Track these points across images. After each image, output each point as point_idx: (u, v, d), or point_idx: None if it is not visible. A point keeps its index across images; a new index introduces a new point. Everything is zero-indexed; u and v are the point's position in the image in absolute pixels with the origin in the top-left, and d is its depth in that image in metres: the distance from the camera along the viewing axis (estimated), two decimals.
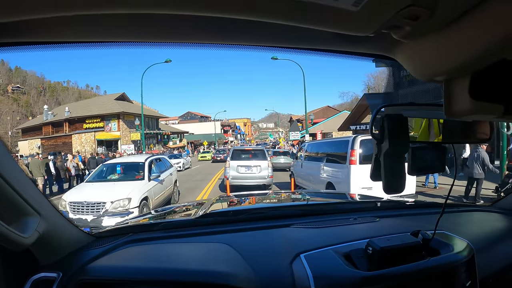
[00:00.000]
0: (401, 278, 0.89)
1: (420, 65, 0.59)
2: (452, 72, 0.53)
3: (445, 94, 0.56)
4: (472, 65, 0.48)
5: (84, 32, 0.63)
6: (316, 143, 9.45)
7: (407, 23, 0.47)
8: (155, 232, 1.26)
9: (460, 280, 0.95)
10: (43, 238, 0.88)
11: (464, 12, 0.44)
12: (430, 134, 0.78)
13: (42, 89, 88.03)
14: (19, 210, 0.81)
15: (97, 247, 1.12)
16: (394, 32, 0.51)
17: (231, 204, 2.09)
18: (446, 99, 0.56)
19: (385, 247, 0.91)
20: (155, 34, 0.66)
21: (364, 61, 0.85)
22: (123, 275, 0.98)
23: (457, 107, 0.54)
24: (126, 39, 0.67)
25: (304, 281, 0.90)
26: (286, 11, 0.47)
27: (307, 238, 1.15)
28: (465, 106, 0.52)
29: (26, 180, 0.83)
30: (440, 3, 0.43)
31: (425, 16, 0.45)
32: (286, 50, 0.77)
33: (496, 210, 1.49)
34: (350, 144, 6.37)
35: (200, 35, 0.68)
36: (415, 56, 0.59)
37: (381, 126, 0.68)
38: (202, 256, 1.07)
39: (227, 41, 0.71)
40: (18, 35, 0.61)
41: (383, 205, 1.64)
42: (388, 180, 0.69)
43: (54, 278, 0.94)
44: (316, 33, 0.57)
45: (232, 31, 0.65)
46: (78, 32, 0.63)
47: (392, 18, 0.46)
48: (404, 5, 0.43)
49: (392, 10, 0.45)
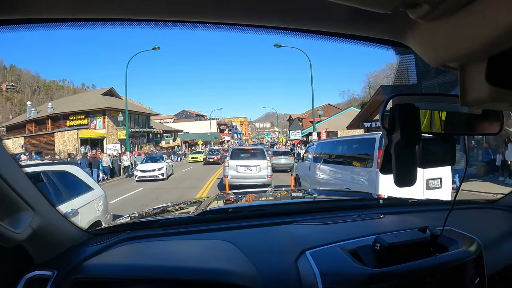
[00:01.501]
0: (410, 274, 0.86)
1: (434, 49, 0.55)
2: (468, 57, 0.50)
3: (460, 81, 0.53)
4: (490, 48, 0.45)
5: (79, 7, 0.60)
6: (328, 142, 8.10)
7: (426, 1, 0.45)
8: (153, 230, 1.22)
9: (469, 277, 0.93)
10: (37, 234, 0.84)
11: None
12: (439, 125, 0.73)
13: (36, 88, 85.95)
14: (12, 204, 0.78)
15: (94, 244, 1.08)
16: (411, 11, 0.48)
17: (230, 201, 2.03)
18: (461, 86, 0.53)
19: (393, 243, 0.89)
20: (151, 9, 0.61)
21: (371, 47, 0.79)
22: (119, 273, 0.94)
23: (473, 94, 0.52)
24: (120, 15, 0.63)
25: (311, 279, 0.87)
26: None
27: (312, 235, 1.11)
28: (482, 94, 0.50)
29: (21, 175, 0.80)
30: None
31: None
32: (290, 33, 0.70)
33: (503, 208, 1.44)
34: (378, 143, 5.07)
35: (198, 9, 0.62)
36: (429, 40, 0.55)
37: (392, 116, 0.64)
38: (203, 253, 1.04)
39: (227, 19, 0.65)
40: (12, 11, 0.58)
41: (386, 202, 1.61)
42: (399, 172, 0.65)
43: (49, 276, 0.91)
44: (326, 12, 0.55)
45: (234, 6, 0.60)
46: (75, 7, 0.60)
47: None
48: None
49: None
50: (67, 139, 28.21)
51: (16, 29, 0.63)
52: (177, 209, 1.95)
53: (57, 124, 29.73)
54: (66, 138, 28.25)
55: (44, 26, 0.63)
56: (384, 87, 19.54)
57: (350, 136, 8.20)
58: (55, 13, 0.60)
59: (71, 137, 28.16)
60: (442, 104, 0.72)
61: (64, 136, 28.33)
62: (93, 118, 28.53)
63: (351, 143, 6.41)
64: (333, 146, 7.30)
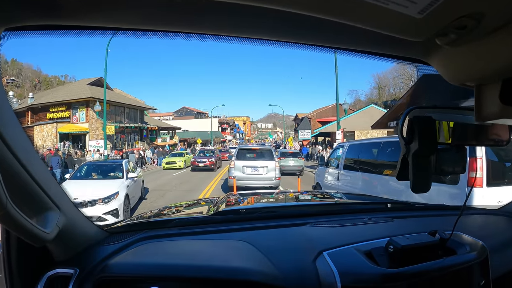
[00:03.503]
0: (421, 275, 0.90)
1: (455, 70, 0.61)
2: (484, 78, 0.56)
3: (476, 98, 0.59)
4: (504, 72, 0.51)
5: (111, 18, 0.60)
6: (368, 143, 5.92)
7: (454, 32, 0.50)
8: (170, 229, 1.21)
9: (475, 279, 0.96)
10: (62, 233, 0.84)
11: (504, 24, 0.46)
12: (453, 136, 0.77)
13: (37, 83, 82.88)
14: (41, 204, 0.77)
15: (112, 243, 1.08)
16: (440, 39, 0.53)
17: (242, 202, 2.02)
18: (477, 103, 0.59)
19: (405, 245, 0.92)
20: (159, 21, 0.62)
21: (394, 62, 0.83)
22: (143, 272, 0.94)
23: (487, 110, 0.57)
24: (136, 26, 0.63)
25: (330, 278, 0.89)
26: (349, 10, 0.47)
27: (327, 237, 1.13)
28: (495, 110, 0.56)
29: (48, 174, 0.80)
30: (487, 16, 0.45)
31: (471, 26, 0.47)
32: (314, 48, 0.71)
33: (505, 214, 1.45)
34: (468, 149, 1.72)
35: (216, 24, 0.63)
36: (451, 62, 0.60)
37: (410, 127, 0.68)
38: (224, 252, 1.04)
39: (247, 34, 0.66)
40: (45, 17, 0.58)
41: (395, 206, 1.61)
42: (416, 180, 0.69)
43: (71, 274, 0.90)
44: (359, 34, 0.57)
45: (264, 25, 0.61)
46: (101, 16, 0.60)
47: (445, 27, 0.49)
48: (459, 15, 0.45)
49: (448, 20, 0.47)
50: (45, 133, 24.03)
51: (54, 34, 0.63)
52: (189, 209, 2.00)
53: (37, 116, 25.61)
54: (45, 132, 24.08)
55: (77, 33, 0.63)
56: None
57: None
58: (91, 22, 0.60)
59: (49, 131, 23.98)
60: (460, 116, 0.76)
61: (43, 130, 24.18)
62: (75, 110, 24.31)
63: None
64: (378, 149, 5.13)
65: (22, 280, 0.86)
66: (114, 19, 0.60)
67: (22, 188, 0.69)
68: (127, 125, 27.28)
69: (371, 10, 0.45)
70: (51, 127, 23.93)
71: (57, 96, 25.54)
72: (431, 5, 0.42)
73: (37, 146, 21.54)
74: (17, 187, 0.68)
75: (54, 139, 23.37)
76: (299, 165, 15.54)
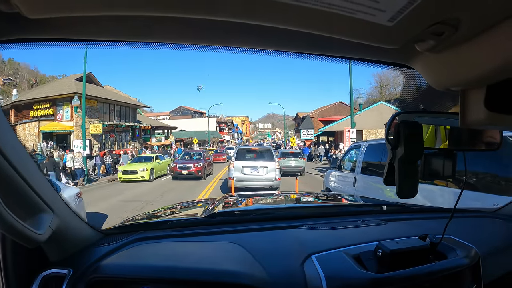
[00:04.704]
0: (410, 280, 0.88)
1: (438, 75, 0.59)
2: (469, 84, 0.54)
3: (461, 103, 0.57)
4: (488, 78, 0.49)
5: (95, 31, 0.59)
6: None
7: (432, 38, 0.49)
8: (164, 231, 1.20)
9: (465, 284, 0.94)
10: (56, 234, 0.84)
11: (484, 29, 0.45)
12: (441, 141, 0.76)
13: (34, 82, 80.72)
14: (34, 206, 0.77)
15: (106, 244, 1.07)
16: (419, 45, 0.52)
17: (238, 203, 1.96)
18: (461, 108, 0.57)
19: (394, 249, 0.91)
20: (159, 35, 0.62)
21: (380, 68, 0.80)
22: (134, 273, 0.94)
23: (472, 117, 0.55)
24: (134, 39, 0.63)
25: (316, 282, 0.88)
26: (318, 22, 0.47)
27: (317, 240, 1.11)
28: (480, 116, 0.54)
29: (40, 176, 0.79)
30: (464, 22, 0.44)
31: (449, 32, 0.46)
32: (301, 55, 0.71)
33: (501, 217, 1.40)
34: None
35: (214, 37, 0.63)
36: (434, 67, 0.59)
37: (397, 132, 0.67)
38: (214, 255, 1.03)
39: (246, 45, 0.66)
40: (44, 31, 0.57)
41: (389, 208, 1.57)
42: (402, 185, 0.67)
43: (64, 274, 0.91)
44: (340, 42, 0.57)
45: (250, 36, 0.61)
46: (98, 30, 0.60)
47: (420, 33, 0.48)
48: (433, 22, 0.45)
49: (422, 27, 0.46)
50: (28, 133, 21.78)
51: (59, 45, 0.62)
52: (185, 210, 1.98)
53: (21, 114, 23.30)
54: (27, 131, 21.84)
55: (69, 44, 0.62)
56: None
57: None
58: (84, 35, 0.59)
59: (32, 130, 21.73)
60: (446, 120, 0.74)
61: (25, 130, 21.92)
62: (59, 107, 22.01)
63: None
64: None
65: (17, 280, 0.86)
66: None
67: (14, 190, 0.69)
68: (116, 123, 25.03)
69: (340, 20, 0.44)
70: (33, 126, 21.67)
71: (41, 93, 23.26)
72: (401, 12, 0.41)
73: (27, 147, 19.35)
74: (8, 189, 0.67)
75: (36, 139, 21.12)
76: (301, 165, 15.17)
